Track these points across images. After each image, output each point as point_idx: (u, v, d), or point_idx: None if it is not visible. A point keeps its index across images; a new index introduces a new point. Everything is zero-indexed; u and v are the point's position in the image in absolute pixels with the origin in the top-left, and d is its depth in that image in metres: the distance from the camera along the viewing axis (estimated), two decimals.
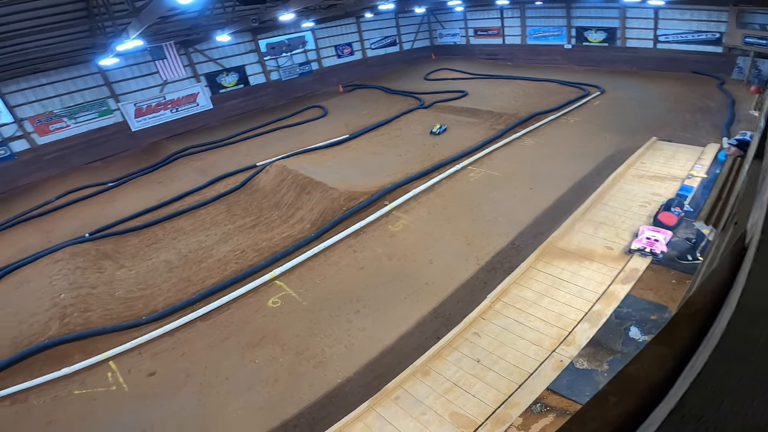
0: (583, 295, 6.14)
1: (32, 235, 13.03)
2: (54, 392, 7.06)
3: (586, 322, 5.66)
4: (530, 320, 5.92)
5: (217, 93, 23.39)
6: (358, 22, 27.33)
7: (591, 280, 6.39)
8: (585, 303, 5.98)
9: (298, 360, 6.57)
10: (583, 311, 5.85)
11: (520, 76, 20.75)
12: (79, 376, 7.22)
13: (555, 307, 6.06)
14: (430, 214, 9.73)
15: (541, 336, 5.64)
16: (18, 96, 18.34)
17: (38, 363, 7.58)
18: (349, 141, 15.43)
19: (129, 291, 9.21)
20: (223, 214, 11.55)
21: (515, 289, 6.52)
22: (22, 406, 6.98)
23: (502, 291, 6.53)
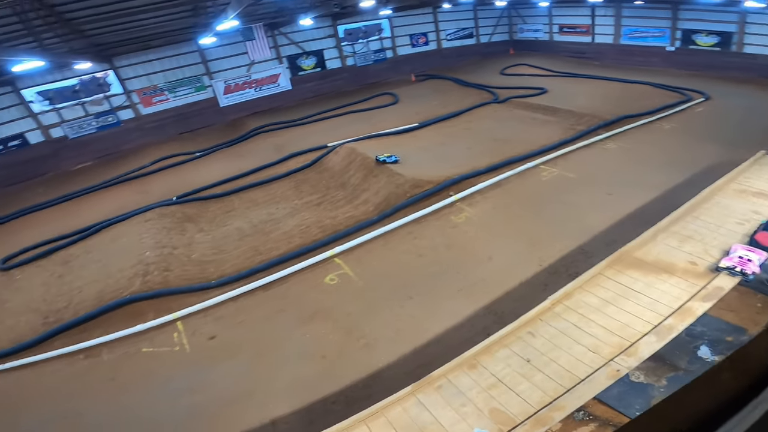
0: (654, 308, 5.69)
1: (129, 194, 14.77)
2: (125, 348, 7.50)
3: (654, 335, 5.24)
4: (591, 326, 5.61)
5: (296, 75, 24.50)
6: (435, 12, 26.92)
7: (667, 294, 5.88)
8: (655, 316, 5.55)
9: (346, 339, 6.70)
10: (651, 324, 5.43)
11: (608, 76, 19.18)
12: (150, 334, 7.68)
13: (621, 316, 5.68)
14: (495, 209, 9.47)
15: (599, 343, 5.33)
16: (129, 70, 20.66)
17: (117, 318, 8.15)
18: (418, 130, 15.42)
19: (204, 254, 9.96)
20: (292, 190, 12.21)
21: (579, 294, 6.18)
22: (94, 361, 7.42)
23: (565, 294, 6.22)
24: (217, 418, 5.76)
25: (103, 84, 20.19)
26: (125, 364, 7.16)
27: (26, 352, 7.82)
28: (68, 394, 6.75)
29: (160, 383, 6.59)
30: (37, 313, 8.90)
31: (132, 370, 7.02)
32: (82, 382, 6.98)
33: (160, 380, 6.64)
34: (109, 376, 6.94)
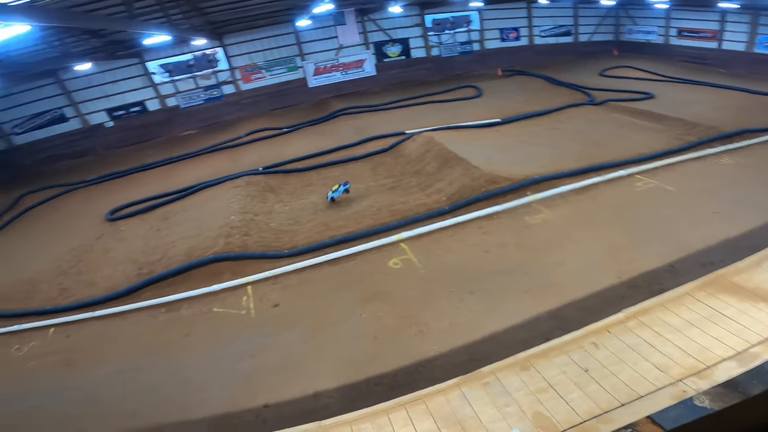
0: (742, 335, 5.04)
1: (223, 161, 16.24)
2: (200, 306, 7.88)
3: (734, 361, 4.65)
4: (665, 345, 5.13)
5: (381, 61, 24.97)
6: (529, 7, 25.58)
7: (760, 323, 5.17)
8: (741, 342, 4.92)
9: (401, 323, 6.70)
10: (735, 350, 4.82)
11: (733, 85, 16.72)
12: (223, 295, 8.05)
13: (702, 339, 5.09)
14: (576, 215, 8.86)
15: (670, 363, 4.86)
16: (234, 48, 22.55)
17: (200, 275, 8.65)
18: (500, 125, 14.89)
19: (280, 224, 10.53)
20: (368, 172, 12.55)
21: (659, 312, 5.66)
22: (174, 315, 7.83)
23: (643, 310, 5.73)
24: (266, 384, 5.98)
25: (212, 60, 22.34)
26: (199, 321, 7.57)
27: (118, 301, 8.48)
28: (145, 347, 7.24)
29: (224, 344, 6.91)
30: (134, 263, 9.84)
31: (204, 328, 7.40)
32: (159, 336, 7.45)
33: (225, 341, 6.97)
34: (185, 331, 7.38)
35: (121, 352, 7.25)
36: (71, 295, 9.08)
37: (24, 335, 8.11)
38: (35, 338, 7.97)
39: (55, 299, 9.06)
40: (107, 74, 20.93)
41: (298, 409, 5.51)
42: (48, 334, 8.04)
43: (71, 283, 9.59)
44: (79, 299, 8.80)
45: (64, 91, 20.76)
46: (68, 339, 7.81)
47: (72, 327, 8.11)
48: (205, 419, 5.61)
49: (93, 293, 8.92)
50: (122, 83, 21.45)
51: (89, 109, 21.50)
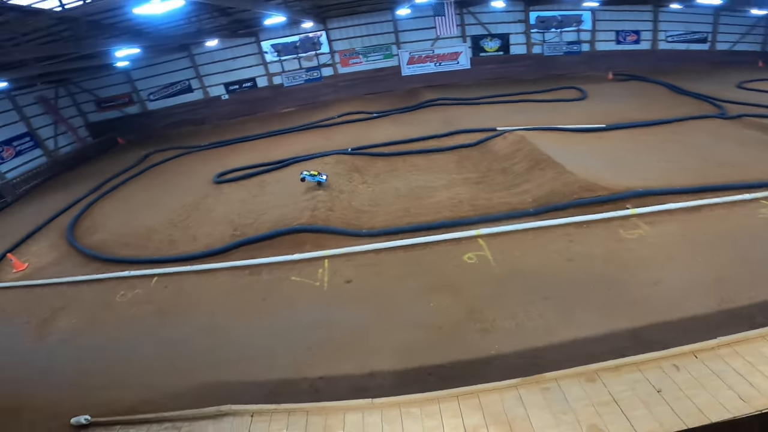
0: None
1: (316, 139, 17.25)
2: (280, 273, 8.22)
3: None
4: (754, 376, 4.50)
5: (477, 56, 24.41)
6: (656, 10, 22.76)
7: None
8: None
9: (466, 318, 6.61)
10: None
11: None
12: (301, 265, 8.36)
13: None
14: (683, 236, 7.92)
15: (755, 394, 4.27)
16: (336, 32, 23.63)
17: (284, 243, 9.08)
18: (604, 131, 13.70)
19: (362, 204, 10.89)
20: (453, 164, 12.45)
21: (758, 343, 4.95)
22: (254, 278, 8.21)
23: (742, 339, 5.05)
24: (326, 356, 6.17)
25: (316, 43, 23.68)
26: (276, 287, 7.94)
27: (211, 259, 9.15)
28: (227, 306, 7.67)
29: (296, 313, 7.20)
30: (230, 224, 10.67)
31: (280, 294, 7.75)
32: (240, 296, 7.87)
33: (297, 310, 7.27)
34: (262, 296, 7.76)
35: (206, 307, 7.80)
36: (177, 248, 10.15)
37: (131, 282, 9.00)
38: (140, 286, 8.80)
39: (164, 250, 10.15)
40: (228, 51, 23.37)
41: (351, 386, 5.65)
42: (151, 283, 8.86)
43: (179, 236, 10.77)
44: (182, 252, 9.81)
45: (192, 65, 23.63)
46: (166, 290, 8.55)
47: (171, 278, 8.87)
48: (266, 382, 5.90)
49: (194, 248, 9.89)
50: (239, 60, 23.81)
51: (210, 82, 24.28)
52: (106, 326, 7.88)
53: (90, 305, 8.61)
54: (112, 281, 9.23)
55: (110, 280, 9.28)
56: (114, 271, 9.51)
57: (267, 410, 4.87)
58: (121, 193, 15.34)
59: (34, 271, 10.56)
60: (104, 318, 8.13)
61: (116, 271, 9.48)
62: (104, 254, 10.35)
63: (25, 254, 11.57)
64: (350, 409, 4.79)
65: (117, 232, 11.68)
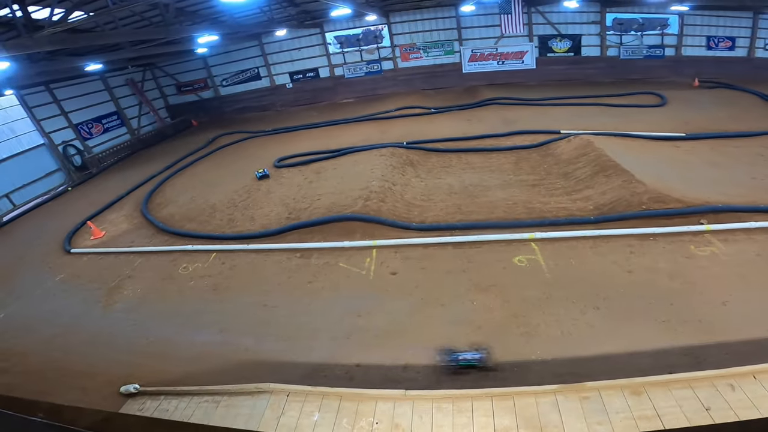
0: None
1: (373, 131, 17.48)
2: (329, 258, 8.48)
3: None
4: None
5: (544, 56, 23.38)
6: (756, 17, 20.39)
7: None
8: None
9: (509, 321, 6.48)
10: None
11: None
12: (350, 252, 8.55)
13: None
14: (760, 257, 7.19)
15: None
16: (398, 27, 23.69)
17: (335, 229, 9.36)
18: (683, 140, 12.64)
19: (414, 197, 10.92)
20: (510, 164, 12.11)
21: None
22: (304, 261, 8.50)
23: None
24: (364, 344, 6.28)
25: (377, 36, 23.92)
26: (324, 271, 8.19)
27: (267, 239, 9.55)
28: (277, 286, 8.00)
29: (340, 299, 7.39)
30: (286, 207, 11.10)
31: (327, 278, 8.00)
32: (290, 278, 8.18)
33: (342, 296, 7.46)
34: (309, 279, 8.06)
35: (257, 286, 8.14)
36: (235, 226, 10.74)
37: (193, 256, 9.58)
38: (200, 260, 9.33)
39: (224, 228, 10.77)
40: (294, 41, 24.30)
41: (385, 376, 5.72)
42: (210, 258, 9.38)
43: (238, 215, 11.40)
44: (240, 231, 10.36)
45: (262, 54, 24.85)
46: (223, 265, 9.01)
47: (228, 255, 9.36)
48: (305, 364, 6.08)
49: (251, 228, 10.43)
50: (304, 50, 24.66)
51: (277, 71, 25.39)
52: (167, 296, 8.39)
53: (155, 275, 9.21)
54: (176, 254, 9.90)
55: (175, 252, 9.98)
56: (179, 245, 10.23)
57: (302, 391, 5.04)
58: (190, 172, 16.52)
59: (109, 239, 11.55)
60: (166, 288, 8.67)
61: (181, 245, 10.19)
62: (172, 227, 11.18)
63: (103, 223, 12.76)
64: (383, 398, 4.88)
65: (184, 207, 12.56)
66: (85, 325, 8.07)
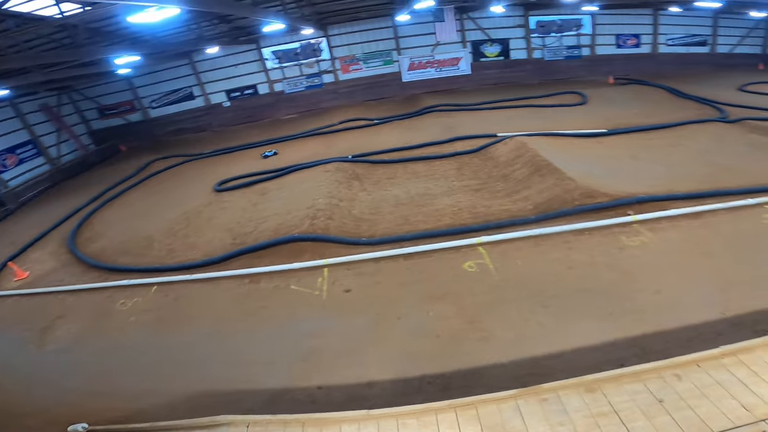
0: None
1: (318, 146, 17.24)
2: (279, 281, 8.23)
3: None
4: (759, 385, 4.44)
5: (478, 61, 24.46)
6: (655, 13, 22.82)
7: None
8: None
9: (465, 327, 6.57)
10: None
11: None
12: (300, 274, 8.33)
13: None
14: (685, 242, 7.85)
15: (759, 403, 4.22)
16: (337, 39, 23.73)
17: (284, 251, 9.07)
18: (605, 136, 13.66)
19: (362, 212, 10.82)
20: (453, 171, 12.40)
21: (763, 352, 4.89)
22: (254, 286, 8.24)
23: (745, 348, 4.98)
24: (324, 365, 6.17)
25: (316, 50, 23.79)
26: (275, 295, 7.95)
27: (211, 267, 9.15)
28: (227, 314, 7.74)
29: (294, 321, 7.21)
30: (230, 233, 10.66)
31: (278, 302, 7.75)
32: (240, 305, 7.91)
33: (296, 318, 7.28)
34: (261, 304, 7.78)
35: (207, 315, 7.81)
36: (176, 256, 10.14)
37: (131, 291, 9.01)
38: (139, 294, 8.81)
39: (163, 258, 10.14)
40: (229, 58, 23.49)
41: (349, 395, 5.60)
42: (150, 291, 8.87)
43: (178, 245, 10.77)
44: (182, 261, 9.80)
45: (194, 72, 23.79)
46: (165, 298, 8.54)
47: (171, 287, 8.87)
48: (265, 391, 5.90)
49: (194, 257, 9.88)
50: (240, 67, 23.92)
51: (212, 89, 24.40)
52: (106, 334, 7.93)
53: (90, 313, 8.66)
54: (111, 290, 9.26)
55: (110, 288, 9.32)
56: (114, 280, 9.56)
57: (263, 421, 4.82)
58: (122, 202, 15.38)
59: (35, 279, 10.59)
60: (104, 326, 8.18)
61: (116, 280, 9.52)
62: (104, 263, 10.38)
63: (26, 263, 11.59)
64: (346, 421, 4.76)
65: (117, 241, 11.73)
66: (19, 366, 7.52)
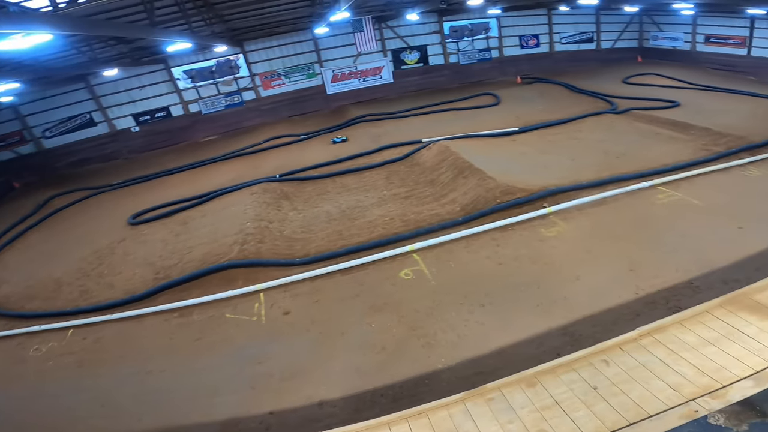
0: (762, 354, 4.80)
1: (243, 168, 16.49)
2: (212, 312, 8.00)
3: (751, 381, 4.44)
4: (679, 364, 4.93)
5: (399, 69, 25.08)
6: (549, 14, 25.23)
7: None
8: (761, 362, 4.69)
9: (409, 335, 6.66)
10: (753, 369, 4.59)
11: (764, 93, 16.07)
12: (235, 301, 8.15)
13: (719, 358, 4.87)
14: (594, 228, 8.65)
15: (684, 382, 4.67)
16: (255, 55, 23.01)
17: (214, 281, 8.74)
18: (518, 134, 14.70)
19: (294, 232, 10.57)
20: (383, 180, 12.55)
21: (676, 330, 5.45)
22: (186, 320, 7.96)
23: (659, 327, 5.53)
24: (272, 390, 6.05)
25: (234, 67, 22.86)
26: (210, 326, 7.73)
27: (134, 305, 8.66)
28: (158, 350, 7.39)
29: (234, 350, 7.05)
30: (151, 267, 10.02)
31: (214, 333, 7.54)
32: (172, 340, 7.61)
33: (235, 347, 7.11)
34: (195, 336, 7.52)
35: (134, 355, 7.42)
36: (91, 297, 9.35)
37: (44, 336, 8.32)
38: (54, 339, 8.22)
39: (76, 301, 9.32)
40: (134, 80, 21.67)
41: (303, 418, 5.51)
42: (66, 335, 8.27)
43: (92, 285, 9.89)
44: (98, 301, 9.07)
45: (92, 96, 21.58)
46: (85, 341, 8.01)
47: (89, 329, 8.34)
48: (211, 423, 5.68)
49: (112, 296, 9.17)
50: (148, 89, 22.16)
51: (116, 114, 22.29)
52: (23, 381, 7.37)
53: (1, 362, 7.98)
54: (20, 337, 8.48)
55: (19, 336, 8.51)
56: (22, 327, 8.70)
57: None
58: (21, 244, 13.58)
59: None
60: (19, 373, 7.60)
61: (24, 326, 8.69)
62: (8, 310, 9.39)
63: None
64: None
65: (22, 286, 10.56)
66: None
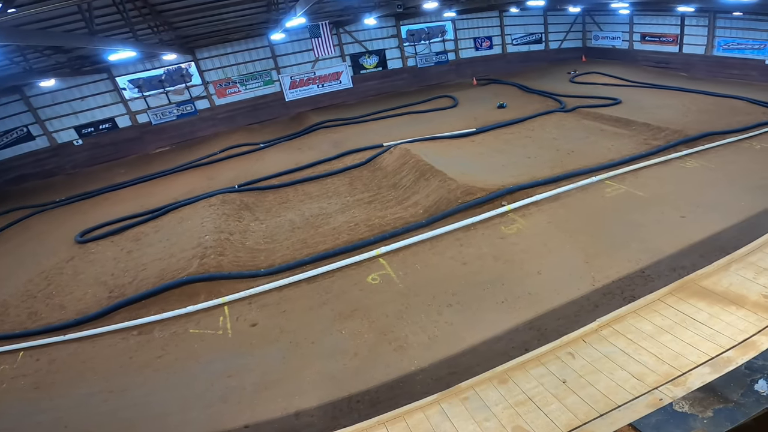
0: (715, 340, 5.12)
1: (199, 179, 15.84)
2: (175, 327, 7.83)
3: (708, 367, 4.73)
4: (639, 353, 5.19)
5: (358, 73, 25.03)
6: (501, 16, 26.24)
7: (731, 327, 5.26)
8: (715, 348, 5.00)
9: (380, 339, 6.68)
10: (708, 355, 4.89)
11: (696, 89, 17.47)
12: (198, 316, 8.00)
13: (675, 345, 5.17)
14: (550, 223, 9.01)
15: (646, 371, 4.92)
16: (208, 62, 22.23)
17: (173, 297, 8.52)
18: (476, 135, 15.09)
19: (257, 242, 10.36)
20: (345, 186, 12.47)
21: (632, 319, 5.73)
22: (146, 337, 7.78)
23: (616, 318, 5.80)
24: (246, 404, 5.93)
25: (185, 75, 21.96)
26: (173, 343, 7.54)
27: (88, 325, 8.33)
28: (117, 370, 7.17)
29: (201, 365, 6.90)
30: (104, 286, 9.56)
31: (178, 349, 7.36)
32: (131, 357, 7.41)
33: (201, 362, 6.96)
34: (158, 354, 7.33)
35: (92, 375, 7.14)
36: (41, 319, 8.87)
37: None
38: (5, 362, 7.82)
39: (24, 323, 8.81)
40: (74, 90, 20.31)
41: (280, 429, 5.45)
42: (17, 357, 7.88)
43: (41, 307, 9.33)
44: (49, 323, 8.62)
45: (29, 108, 20.02)
46: (38, 362, 7.66)
47: (42, 350, 7.96)
48: None
49: (63, 317, 8.72)
50: (90, 99, 20.83)
51: (56, 126, 20.77)
52: None
53: None
54: None
55: None
56: None
57: None
58: None
59: None
60: None
61: None
62: None
63: None
64: None
65: None
66: None
